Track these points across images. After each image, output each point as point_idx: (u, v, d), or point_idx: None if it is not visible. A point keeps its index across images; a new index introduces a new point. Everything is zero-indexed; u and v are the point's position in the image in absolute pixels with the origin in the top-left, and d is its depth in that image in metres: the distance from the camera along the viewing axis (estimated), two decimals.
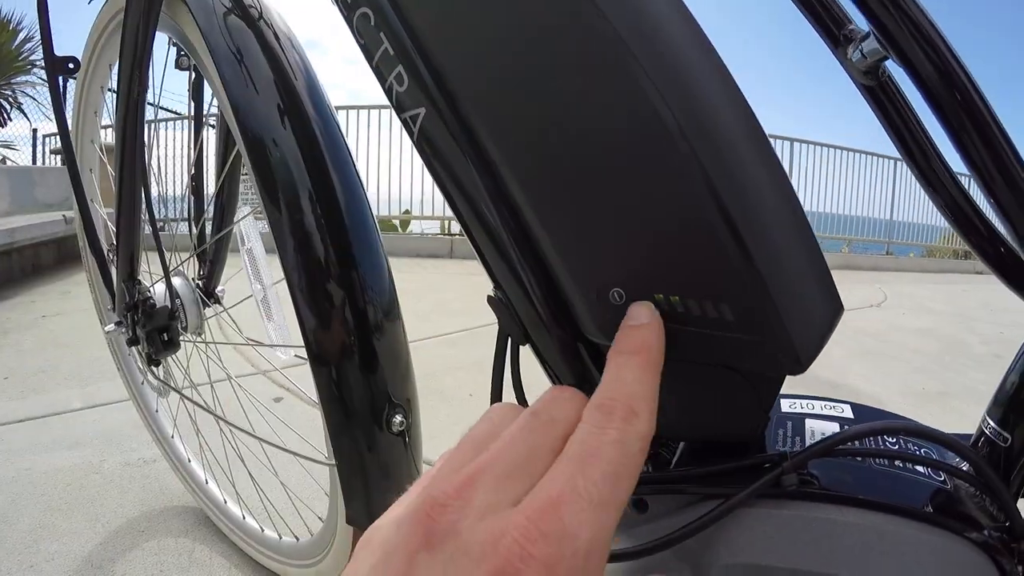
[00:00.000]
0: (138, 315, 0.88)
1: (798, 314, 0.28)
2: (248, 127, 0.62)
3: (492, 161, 0.33)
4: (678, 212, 0.28)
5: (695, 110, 0.27)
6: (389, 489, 0.67)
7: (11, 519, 1.19)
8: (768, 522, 0.34)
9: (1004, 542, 0.34)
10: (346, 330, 0.61)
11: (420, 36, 0.34)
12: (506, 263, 0.34)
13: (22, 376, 1.96)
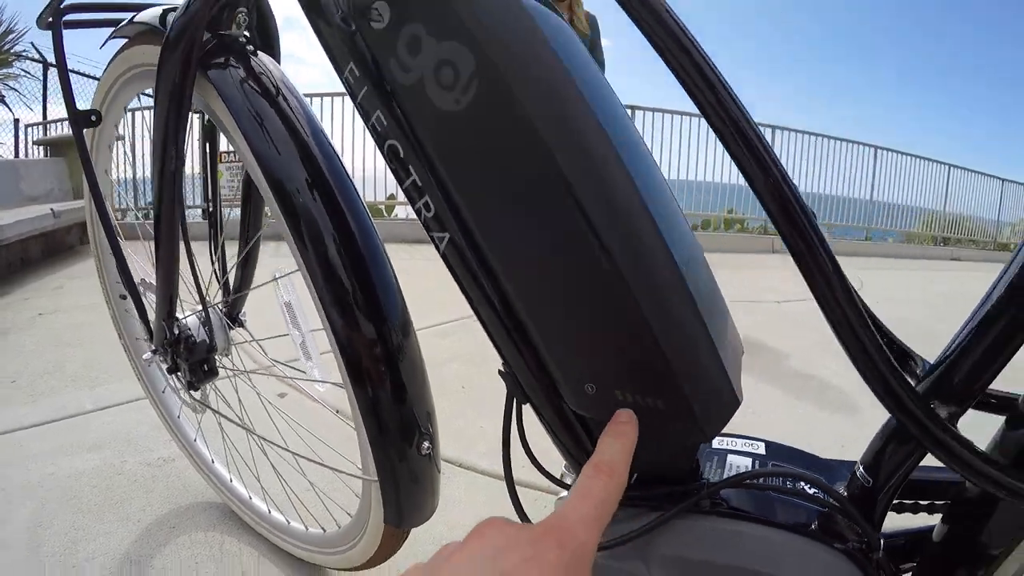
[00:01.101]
0: (179, 349, 0.98)
1: (705, 410, 0.46)
2: (274, 178, 0.72)
3: (497, 276, 0.48)
4: (627, 340, 0.45)
5: (631, 268, 0.43)
6: (417, 495, 0.81)
7: (45, 523, 1.29)
8: (691, 529, 0.53)
9: (863, 551, 0.51)
10: (381, 369, 0.74)
11: (442, 180, 0.48)
12: (510, 349, 0.51)
13: (29, 379, 2.03)
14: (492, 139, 0.44)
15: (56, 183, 4.39)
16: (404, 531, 0.88)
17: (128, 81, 0.97)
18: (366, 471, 0.82)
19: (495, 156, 0.44)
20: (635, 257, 0.43)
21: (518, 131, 0.42)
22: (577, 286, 0.44)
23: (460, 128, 0.44)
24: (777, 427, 1.88)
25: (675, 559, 0.52)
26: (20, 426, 1.70)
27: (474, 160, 0.45)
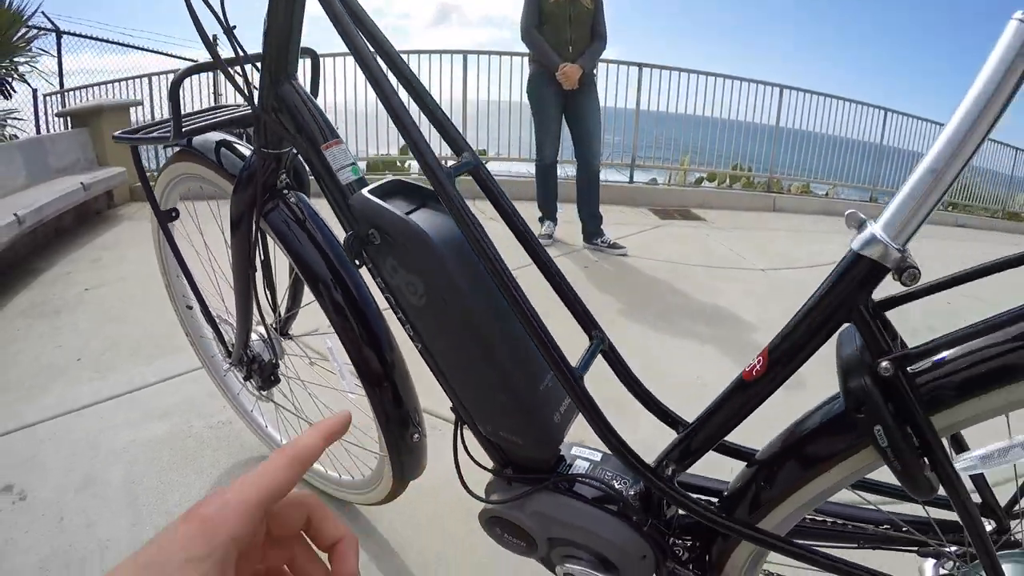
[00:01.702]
0: (253, 367, 1.43)
1: (538, 448, 0.91)
2: (310, 277, 1.16)
3: (440, 365, 0.95)
4: (490, 411, 0.92)
5: (489, 370, 0.88)
6: (412, 463, 1.27)
7: (137, 481, 1.70)
8: (545, 498, 0.92)
9: (638, 522, 0.86)
10: (384, 384, 1.17)
11: (416, 327, 0.93)
12: (454, 400, 0.96)
13: (92, 356, 2.42)
14: (431, 307, 0.87)
15: (81, 153, 4.70)
16: (405, 481, 1.34)
17: (179, 182, 1.41)
18: (380, 448, 1.28)
19: (433, 312, 0.87)
20: (503, 363, 0.86)
21: (444, 311, 0.86)
22: (464, 371, 0.90)
23: (422, 306, 0.87)
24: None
25: (537, 514, 0.94)
26: (97, 400, 2.09)
27: (429, 321, 0.89)
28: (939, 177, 0.60)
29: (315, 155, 0.97)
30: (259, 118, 1.03)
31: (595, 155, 3.96)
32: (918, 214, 0.62)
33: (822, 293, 0.69)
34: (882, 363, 0.63)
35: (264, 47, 0.98)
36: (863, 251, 0.64)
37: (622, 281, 3.50)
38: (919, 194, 0.62)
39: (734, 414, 0.80)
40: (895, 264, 0.62)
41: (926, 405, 0.64)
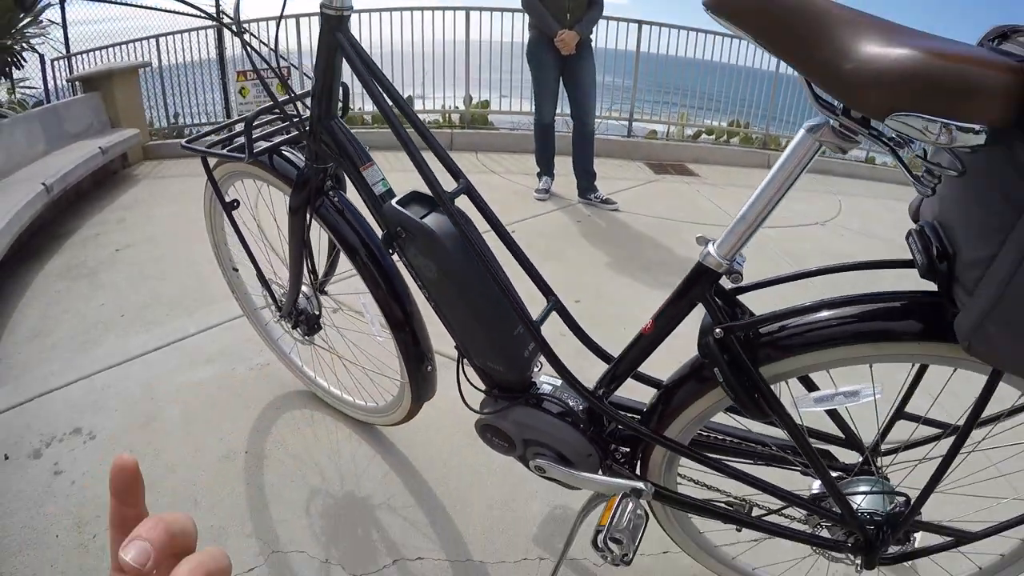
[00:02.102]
0: (301, 319, 1.84)
1: (514, 371, 1.32)
2: (349, 251, 1.56)
3: (444, 312, 1.35)
4: (478, 345, 1.33)
5: (481, 310, 1.29)
6: (426, 389, 1.68)
7: (192, 417, 2.10)
8: (521, 411, 1.32)
9: (600, 436, 1.29)
10: (406, 329, 1.57)
11: (431, 292, 1.32)
12: (454, 335, 1.37)
13: (134, 312, 2.79)
14: (441, 279, 1.25)
15: (94, 116, 4.98)
16: (420, 403, 1.75)
17: (229, 177, 1.79)
18: (401, 377, 1.67)
19: (442, 282, 1.26)
20: (488, 316, 1.24)
21: (449, 282, 1.25)
22: (463, 320, 1.30)
23: (435, 279, 1.25)
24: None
25: (516, 422, 1.32)
26: (146, 350, 2.48)
27: (439, 289, 1.28)
28: (749, 224, 0.98)
29: (355, 173, 1.36)
30: (310, 145, 1.44)
31: (590, 116, 4.27)
32: (738, 242, 1.00)
33: (682, 285, 1.08)
34: (716, 329, 1.01)
35: (312, 91, 1.37)
36: (703, 261, 1.03)
37: (612, 235, 3.83)
38: (739, 230, 0.99)
39: (637, 355, 1.19)
40: (724, 270, 1.01)
41: (754, 358, 1.01)
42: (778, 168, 0.94)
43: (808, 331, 0.99)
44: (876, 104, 0.72)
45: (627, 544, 1.15)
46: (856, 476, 1.18)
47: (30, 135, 4.23)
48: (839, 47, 0.73)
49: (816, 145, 0.89)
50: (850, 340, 0.96)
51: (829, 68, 0.74)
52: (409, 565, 1.59)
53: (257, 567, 1.58)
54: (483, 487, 1.84)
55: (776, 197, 0.95)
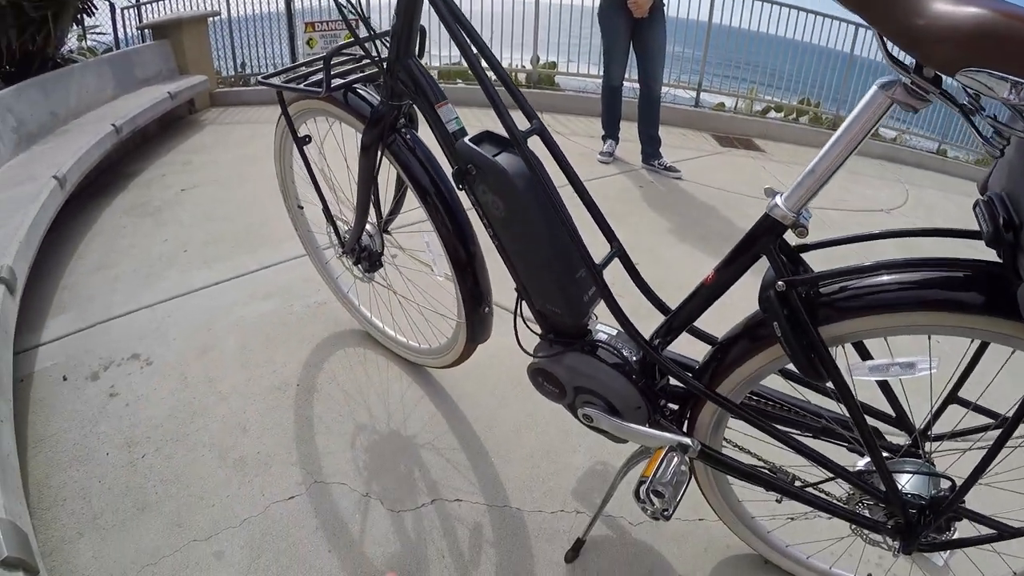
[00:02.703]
0: (364, 255, 1.89)
1: (573, 313, 1.31)
2: (419, 190, 1.60)
3: (508, 251, 1.36)
4: (541, 285, 1.34)
5: (551, 256, 1.30)
6: (482, 330, 1.70)
7: (248, 348, 2.19)
8: (575, 356, 1.34)
9: (651, 389, 1.27)
10: (468, 270, 1.58)
11: (495, 230, 1.33)
12: (516, 279, 1.40)
13: (197, 248, 2.89)
14: (508, 217, 1.25)
15: (163, 63, 5.11)
16: (475, 345, 1.78)
17: (302, 115, 1.82)
18: (459, 316, 1.70)
19: (509, 220, 1.27)
20: (552, 256, 1.25)
21: (515, 220, 1.27)
22: (527, 260, 1.32)
23: (503, 218, 1.27)
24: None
25: (569, 367, 1.34)
26: (207, 284, 2.58)
27: (505, 227, 1.30)
28: (818, 177, 0.97)
29: (430, 111, 1.39)
30: (387, 81, 1.47)
31: (657, 81, 4.20)
32: (806, 194, 0.99)
33: (746, 235, 1.06)
34: (778, 282, 0.99)
35: (392, 30, 1.40)
36: (770, 212, 1.01)
37: (673, 203, 3.79)
38: (808, 183, 0.98)
39: (696, 307, 1.19)
40: (790, 222, 0.99)
41: (813, 317, 1.00)
42: (849, 123, 0.93)
43: (868, 293, 0.98)
44: (946, 59, 0.73)
45: (669, 498, 1.16)
46: (902, 457, 1.17)
47: (101, 79, 4.37)
48: (913, 3, 0.74)
49: (888, 102, 0.88)
50: (909, 306, 0.94)
51: (902, 23, 0.75)
52: (447, 506, 1.64)
53: (298, 495, 1.65)
54: (527, 437, 1.87)
55: (845, 152, 0.94)
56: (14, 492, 1.36)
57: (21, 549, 1.20)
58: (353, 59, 1.67)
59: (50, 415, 1.90)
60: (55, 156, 3.15)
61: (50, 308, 2.44)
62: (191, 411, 1.92)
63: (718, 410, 1.23)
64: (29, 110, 3.54)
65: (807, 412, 1.23)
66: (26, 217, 2.43)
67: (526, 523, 1.60)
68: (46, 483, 1.67)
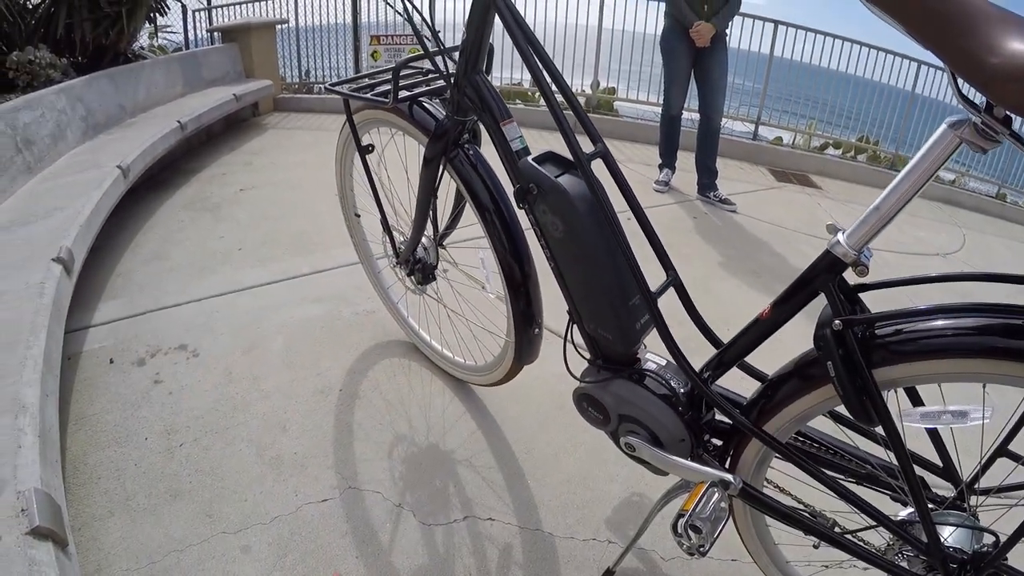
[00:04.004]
0: (418, 267, 1.91)
1: (625, 341, 1.31)
2: (479, 207, 1.59)
3: (564, 275, 1.37)
4: (595, 311, 1.34)
5: (607, 285, 1.30)
6: (530, 351, 1.71)
7: (294, 350, 2.23)
8: (623, 386, 1.33)
9: (697, 423, 1.28)
10: (521, 289, 1.59)
11: (552, 250, 1.34)
12: (570, 303, 1.40)
13: (252, 247, 2.96)
14: (566, 239, 1.26)
15: (230, 65, 5.28)
16: (521, 365, 1.78)
17: (365, 125, 1.85)
18: (508, 335, 1.70)
19: (567, 242, 1.27)
20: (608, 281, 1.25)
21: (573, 242, 1.27)
22: (582, 283, 1.31)
23: (561, 239, 1.28)
24: None
25: (615, 395, 1.33)
26: (259, 283, 2.64)
27: (563, 248, 1.31)
28: (882, 215, 0.96)
29: (495, 127, 1.41)
30: (454, 96, 1.50)
31: (717, 111, 4.20)
32: (869, 232, 0.97)
33: (806, 272, 1.05)
34: (835, 320, 0.98)
35: (462, 46, 1.43)
36: (831, 249, 1.01)
37: (726, 236, 3.76)
38: (872, 221, 0.97)
39: (750, 342, 1.17)
40: (851, 260, 0.98)
41: (868, 359, 0.98)
42: (916, 162, 0.92)
43: (924, 337, 0.95)
44: (1018, 99, 0.72)
45: (707, 534, 1.14)
46: (946, 509, 1.13)
47: (169, 77, 4.55)
48: (986, 41, 0.73)
49: (956, 142, 0.87)
50: (966, 353, 0.92)
51: (974, 60, 0.74)
52: (479, 524, 1.64)
53: (331, 499, 1.67)
54: (565, 462, 1.86)
55: (911, 191, 0.94)
56: (52, 466, 1.40)
57: (53, 520, 1.23)
58: (420, 72, 1.70)
59: (94, 395, 1.96)
60: (120, 147, 3.27)
61: (103, 292, 2.53)
62: (233, 405, 1.96)
63: (762, 449, 1.21)
64: (98, 101, 3.68)
65: (853, 457, 1.20)
66: (88, 202, 2.52)
67: (557, 548, 1.59)
68: (83, 460, 1.72)
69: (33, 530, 1.18)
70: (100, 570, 1.44)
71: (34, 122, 3.05)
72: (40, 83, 3.66)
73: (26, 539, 1.16)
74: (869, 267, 0.99)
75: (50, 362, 1.69)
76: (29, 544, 1.15)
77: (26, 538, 1.16)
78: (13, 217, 2.46)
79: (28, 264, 2.04)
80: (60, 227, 2.30)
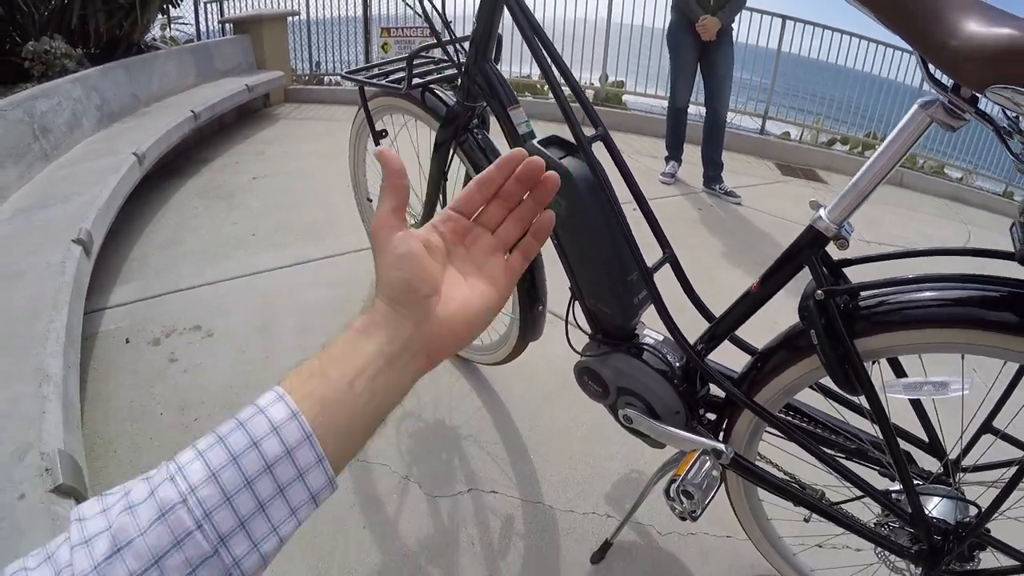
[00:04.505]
0: None
1: (624, 315, 1.36)
2: None
3: (567, 252, 1.42)
4: (594, 285, 1.40)
5: (605, 260, 1.35)
6: (533, 328, 1.73)
7: (306, 330, 2.30)
8: (620, 358, 1.39)
9: (692, 395, 1.33)
10: (527, 268, 1.60)
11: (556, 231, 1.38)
12: (572, 281, 1.45)
13: (265, 233, 3.02)
14: (569, 217, 1.29)
15: (242, 57, 5.35)
16: (526, 343, 1.84)
17: (378, 112, 1.91)
18: (512, 313, 1.76)
19: (569, 221, 1.31)
20: (607, 257, 1.30)
21: (575, 221, 1.30)
22: (584, 259, 1.36)
23: (564, 220, 1.31)
24: None
25: (614, 368, 1.38)
26: (272, 267, 2.70)
27: (565, 227, 1.35)
28: (862, 190, 1.02)
29: (502, 112, 1.46)
30: (464, 83, 1.56)
31: (723, 105, 4.24)
32: (848, 207, 1.03)
33: (791, 247, 1.11)
34: (817, 291, 1.04)
35: (472, 35, 1.49)
36: (814, 224, 1.06)
37: (731, 227, 3.80)
38: (851, 196, 1.03)
39: (740, 315, 1.23)
40: (832, 234, 1.04)
41: (850, 329, 1.03)
42: (890, 140, 0.97)
43: (903, 308, 1.00)
44: (975, 76, 0.78)
45: (698, 500, 1.20)
46: (931, 483, 1.18)
47: (182, 67, 4.61)
48: (949, 25, 0.80)
49: (927, 120, 0.93)
50: (943, 323, 0.97)
51: (938, 43, 0.81)
52: (483, 496, 1.70)
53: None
54: (567, 439, 1.92)
55: (888, 167, 0.99)
56: (74, 432, 1.47)
57: (75, 479, 1.30)
58: (431, 61, 1.77)
59: (110, 373, 2.03)
60: (135, 135, 3.35)
61: (119, 276, 2.60)
62: (245, 383, 2.01)
63: (754, 420, 1.27)
64: (113, 90, 3.76)
65: (843, 432, 1.25)
66: (106, 187, 2.59)
67: (557, 521, 1.65)
68: (99, 435, 1.78)
69: (56, 488, 1.25)
70: None
71: (51, 110, 3.12)
72: (55, 73, 3.73)
73: (50, 496, 1.23)
74: (850, 241, 1.04)
75: (72, 336, 1.75)
76: (52, 501, 1.22)
77: (50, 495, 1.23)
78: (32, 202, 2.53)
79: (48, 245, 2.11)
80: (79, 210, 2.37)
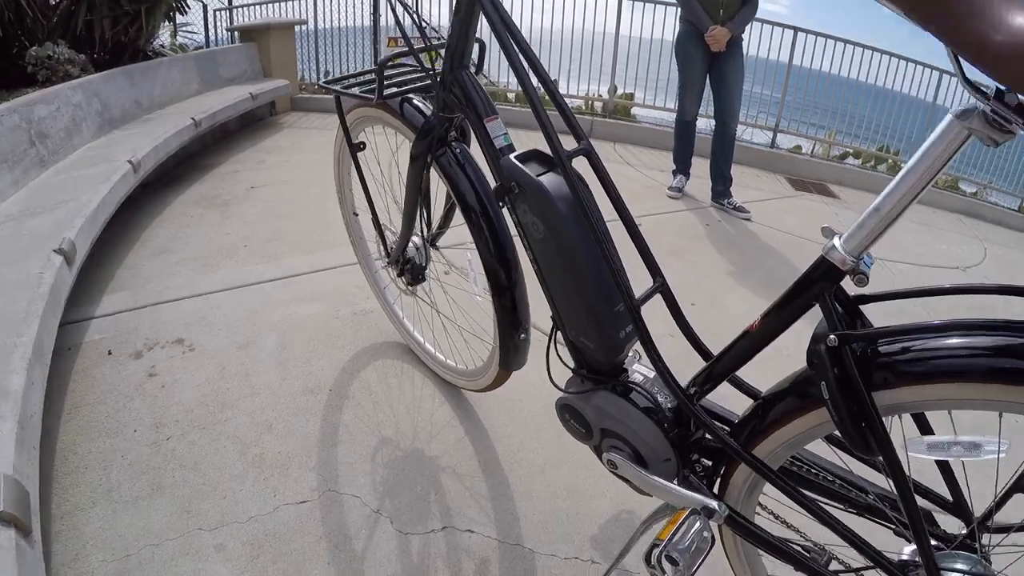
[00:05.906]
0: (407, 268, 1.84)
1: (606, 351, 1.21)
2: (464, 207, 1.52)
3: (547, 281, 1.27)
4: (576, 319, 1.24)
5: (585, 290, 1.19)
6: (516, 357, 1.61)
7: (288, 347, 2.15)
8: (604, 397, 1.22)
9: (683, 442, 1.15)
10: (506, 294, 1.50)
11: (533, 251, 1.24)
12: (553, 309, 1.28)
13: (257, 244, 2.90)
14: (547, 240, 1.16)
15: (248, 65, 5.25)
16: (508, 372, 1.68)
17: (360, 123, 1.83)
18: (494, 341, 1.62)
19: (547, 244, 1.17)
20: (589, 286, 1.15)
21: (555, 244, 1.16)
22: (563, 287, 1.20)
23: (541, 239, 1.18)
24: None
25: (597, 408, 1.23)
26: (260, 280, 2.58)
27: (544, 250, 1.20)
28: (884, 216, 0.84)
29: (479, 124, 1.33)
30: (439, 93, 1.43)
31: (733, 117, 4.07)
32: (868, 237, 0.85)
33: (799, 281, 0.93)
34: (830, 336, 0.86)
35: (448, 42, 1.37)
36: (827, 255, 0.88)
37: (739, 244, 3.63)
38: (871, 224, 0.85)
39: (739, 356, 1.06)
40: (848, 268, 0.86)
41: (868, 380, 0.86)
42: (919, 157, 0.80)
43: (933, 357, 0.82)
44: None
45: (684, 567, 1.02)
46: (955, 549, 1.00)
47: (186, 75, 4.51)
48: (991, 17, 0.62)
49: (964, 133, 0.75)
50: (981, 377, 0.79)
51: (978, 39, 0.63)
52: (457, 535, 1.55)
53: (310, 500, 1.60)
54: (553, 475, 1.76)
55: (915, 189, 0.81)
56: (28, 452, 1.37)
57: (18, 507, 1.19)
58: (414, 69, 1.63)
59: (90, 385, 1.93)
60: (133, 142, 3.23)
61: (108, 285, 2.49)
62: (222, 401, 1.90)
63: (753, 473, 1.11)
64: (115, 96, 3.66)
65: (852, 485, 1.08)
66: (95, 195, 2.48)
67: (535, 566, 1.50)
68: (73, 449, 1.69)
69: None
70: (77, 559, 1.41)
71: (49, 116, 3.02)
72: (58, 78, 3.66)
73: None
74: (869, 276, 0.86)
75: (40, 351, 1.66)
76: None
77: None
78: (23, 208, 2.44)
79: (30, 254, 2.01)
80: (65, 218, 2.27)
